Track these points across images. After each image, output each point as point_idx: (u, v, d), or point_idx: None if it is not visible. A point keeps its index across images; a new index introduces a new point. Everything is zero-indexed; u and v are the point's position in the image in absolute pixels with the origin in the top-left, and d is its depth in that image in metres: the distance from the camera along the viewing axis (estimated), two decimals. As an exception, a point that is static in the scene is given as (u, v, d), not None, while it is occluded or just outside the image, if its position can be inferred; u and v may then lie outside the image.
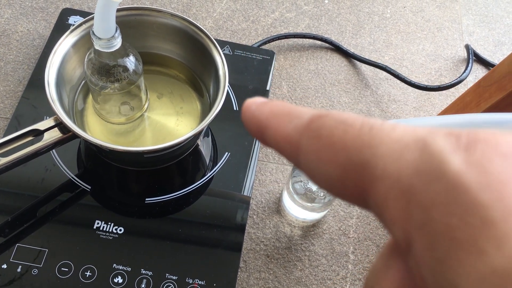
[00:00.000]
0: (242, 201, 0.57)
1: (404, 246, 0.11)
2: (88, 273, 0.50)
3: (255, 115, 0.15)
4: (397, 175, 0.11)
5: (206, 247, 0.53)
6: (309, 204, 0.55)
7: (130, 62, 0.51)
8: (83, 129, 0.53)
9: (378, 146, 0.11)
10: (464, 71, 0.74)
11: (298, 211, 0.58)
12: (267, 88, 0.66)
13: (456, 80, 0.72)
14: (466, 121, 0.35)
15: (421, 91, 0.74)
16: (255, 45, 0.72)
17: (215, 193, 0.58)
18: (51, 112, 0.59)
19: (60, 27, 0.67)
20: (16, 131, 0.48)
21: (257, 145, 0.62)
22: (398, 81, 0.74)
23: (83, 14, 0.69)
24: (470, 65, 0.75)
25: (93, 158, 0.59)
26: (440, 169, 0.10)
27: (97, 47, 0.47)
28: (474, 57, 0.78)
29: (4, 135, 0.57)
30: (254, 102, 0.15)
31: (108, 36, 0.46)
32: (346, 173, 0.12)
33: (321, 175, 0.13)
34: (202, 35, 0.55)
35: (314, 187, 0.54)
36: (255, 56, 0.69)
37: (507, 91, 0.46)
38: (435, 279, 0.10)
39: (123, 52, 0.50)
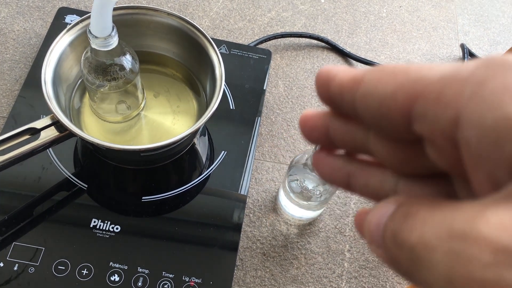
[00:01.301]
0: (238, 200, 0.57)
1: (450, 123, 0.12)
2: (85, 271, 0.50)
3: (332, 70, 0.16)
4: (455, 71, 0.12)
5: (202, 245, 0.54)
6: (305, 203, 0.55)
7: (127, 60, 0.51)
8: (80, 128, 0.53)
9: (434, 68, 0.13)
10: (460, 71, 0.74)
11: (294, 210, 0.58)
12: (264, 87, 0.67)
13: (451, 79, 0.72)
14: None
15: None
16: (252, 44, 0.72)
17: (212, 192, 0.58)
18: (48, 111, 0.59)
19: (57, 26, 0.67)
20: (13, 129, 0.48)
21: (254, 144, 0.62)
22: (394, 80, 0.74)
23: (79, 13, 0.69)
24: (465, 64, 0.76)
25: (90, 156, 0.59)
26: (503, 61, 0.11)
27: (93, 46, 0.48)
28: (469, 57, 0.79)
29: (1, 134, 0.57)
30: (328, 67, 0.17)
31: (104, 35, 0.46)
32: (400, 87, 0.13)
33: (373, 97, 0.14)
34: (199, 34, 0.55)
35: (310, 186, 0.54)
36: (251, 55, 0.69)
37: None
38: (484, 123, 0.11)
39: (119, 50, 0.50)
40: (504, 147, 0.10)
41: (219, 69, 0.53)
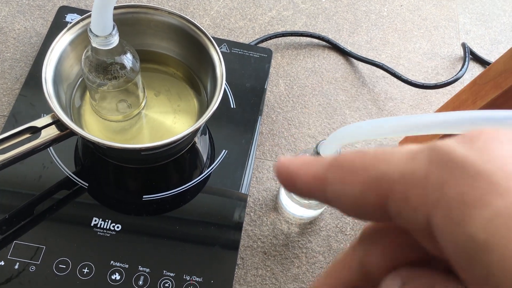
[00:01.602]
0: (239, 199, 0.57)
1: (425, 225, 0.12)
2: (85, 270, 0.50)
3: (288, 166, 0.17)
4: (411, 171, 0.13)
5: (203, 244, 0.54)
6: (306, 201, 0.55)
7: (128, 59, 0.51)
8: (81, 127, 0.53)
9: (392, 159, 0.13)
10: (461, 69, 0.74)
11: (295, 209, 0.58)
12: (265, 86, 0.67)
13: (452, 78, 0.72)
14: (462, 118, 0.36)
15: (417, 89, 0.74)
16: (253, 43, 0.72)
17: (213, 191, 0.58)
18: (48, 110, 0.59)
19: (58, 25, 0.67)
20: (14, 128, 0.48)
21: (255, 142, 0.62)
22: (395, 79, 0.74)
23: (80, 12, 0.69)
24: (466, 63, 0.76)
25: (90, 155, 0.59)
26: (449, 156, 0.12)
27: (94, 45, 0.48)
28: (470, 56, 0.78)
29: (1, 133, 0.57)
30: (285, 158, 0.18)
31: (105, 34, 0.46)
32: (367, 186, 0.14)
33: (346, 198, 0.15)
34: (200, 33, 0.55)
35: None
36: (252, 54, 0.69)
37: (502, 89, 0.47)
38: (454, 239, 0.11)
39: (120, 49, 0.50)
40: (474, 268, 0.11)
41: (220, 68, 0.52)
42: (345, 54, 0.76)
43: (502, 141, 0.12)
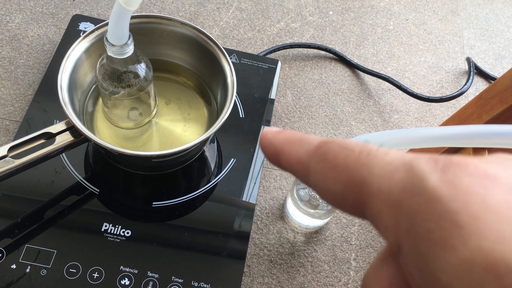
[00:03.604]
0: (246, 207, 0.58)
1: (396, 249, 0.13)
2: (96, 275, 0.51)
3: (271, 142, 0.17)
4: (388, 191, 0.13)
5: (211, 251, 0.54)
6: (312, 211, 0.56)
7: (141, 68, 0.53)
8: (93, 132, 0.54)
9: (374, 168, 0.14)
10: (465, 84, 0.76)
11: (301, 218, 0.59)
12: (272, 97, 0.68)
13: (457, 92, 0.74)
14: (467, 132, 0.37)
15: (422, 102, 0.75)
16: (261, 54, 0.73)
17: (221, 199, 0.59)
18: (61, 116, 0.60)
19: (71, 33, 0.68)
20: (27, 134, 0.49)
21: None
22: (400, 92, 0.76)
23: (93, 20, 0.70)
24: (471, 77, 0.77)
25: (101, 161, 0.60)
26: (421, 185, 0.12)
27: (110, 54, 0.49)
28: (475, 70, 0.80)
29: (15, 138, 0.59)
30: (270, 131, 0.18)
31: (121, 43, 0.48)
32: (347, 188, 0.14)
33: (327, 191, 0.15)
34: (211, 43, 0.56)
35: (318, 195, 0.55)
36: (260, 64, 0.70)
37: (508, 103, 0.48)
38: (421, 273, 0.12)
39: (134, 59, 0.51)
40: None
41: (231, 79, 0.54)
42: (351, 66, 0.77)
43: (471, 174, 0.12)
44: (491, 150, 0.55)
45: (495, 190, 0.11)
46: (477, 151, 0.54)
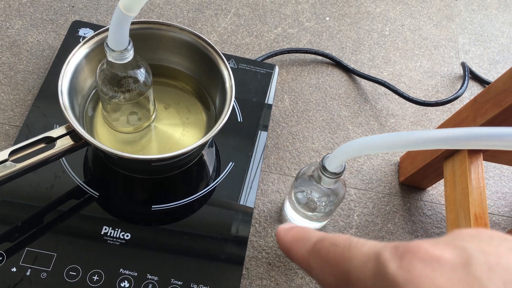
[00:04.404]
0: (245, 210, 0.59)
1: None
2: (95, 278, 0.51)
3: (283, 241, 0.21)
4: (363, 279, 0.16)
5: (210, 254, 0.55)
6: (310, 213, 0.57)
7: (141, 74, 0.53)
8: (92, 137, 0.55)
9: (353, 260, 0.17)
10: (460, 88, 0.77)
11: (299, 220, 0.59)
12: (270, 101, 0.68)
13: (452, 96, 0.75)
14: (462, 134, 0.37)
15: (418, 106, 0.76)
16: (259, 59, 0.74)
17: (219, 202, 0.59)
18: (61, 120, 0.61)
19: (71, 39, 0.69)
20: (27, 138, 0.50)
21: (260, 155, 0.63)
22: (397, 96, 0.77)
23: (92, 26, 0.71)
24: (466, 82, 0.78)
25: (101, 165, 0.60)
26: (384, 272, 0.15)
27: (110, 59, 0.49)
28: (469, 75, 0.81)
29: (15, 143, 0.59)
30: (282, 229, 0.22)
31: (121, 48, 0.48)
32: (338, 280, 0.17)
33: (324, 283, 0.18)
34: (210, 49, 0.57)
35: (316, 197, 0.56)
36: (258, 69, 0.71)
37: (502, 107, 0.49)
38: None
39: (134, 64, 0.52)
40: None
41: (229, 83, 0.54)
42: (348, 71, 0.78)
43: (423, 258, 0.15)
44: (486, 152, 0.56)
45: (440, 270, 0.14)
46: (472, 153, 0.55)
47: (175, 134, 0.60)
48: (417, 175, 0.66)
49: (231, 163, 0.62)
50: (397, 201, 0.68)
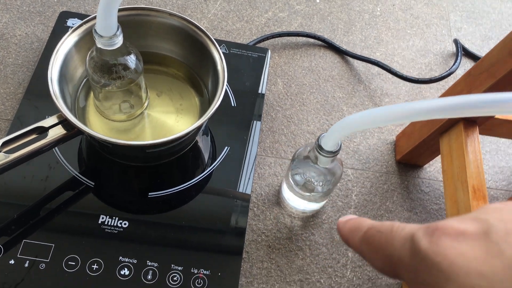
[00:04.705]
0: (242, 195, 0.59)
1: None
2: (95, 266, 0.51)
3: (341, 233, 0.24)
4: (403, 258, 0.18)
5: (209, 239, 0.55)
6: (308, 194, 0.56)
7: (131, 60, 0.53)
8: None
9: (394, 243, 0.19)
10: (453, 64, 0.76)
11: (297, 202, 0.59)
12: (264, 85, 0.68)
13: (446, 73, 0.74)
14: (457, 103, 0.37)
15: (412, 84, 0.76)
16: (250, 44, 0.74)
17: (217, 187, 0.59)
18: (52, 112, 0.60)
19: (59, 30, 0.68)
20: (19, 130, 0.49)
21: (256, 139, 0.63)
22: (390, 76, 0.76)
23: (80, 16, 0.70)
24: (459, 58, 0.78)
25: (95, 155, 0.60)
26: (418, 249, 0.17)
27: (99, 45, 0.49)
28: (462, 52, 0.80)
29: (7, 135, 0.58)
30: (341, 221, 0.24)
31: (110, 34, 0.48)
32: (384, 263, 0.20)
33: (375, 267, 0.21)
34: (200, 33, 0.56)
35: (313, 177, 0.56)
36: (250, 54, 0.70)
37: (496, 78, 0.48)
38: None
39: (124, 50, 0.51)
40: None
41: (221, 65, 0.54)
42: (340, 52, 0.78)
43: (449, 233, 0.16)
44: (481, 126, 0.56)
45: (464, 242, 0.16)
46: (468, 127, 0.55)
47: (168, 120, 0.60)
48: (414, 152, 0.66)
49: (226, 147, 0.62)
50: (395, 179, 0.68)
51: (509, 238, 0.15)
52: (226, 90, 0.65)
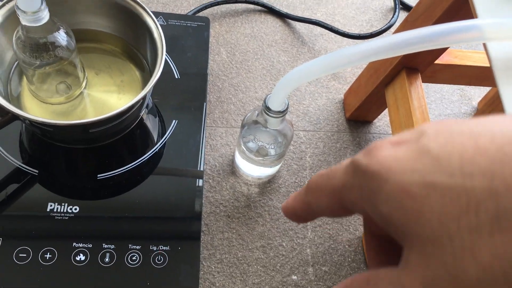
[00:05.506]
0: (195, 167, 0.57)
1: (365, 212, 0.19)
2: (48, 256, 0.49)
3: (287, 209, 0.23)
4: (345, 182, 0.19)
5: (165, 214, 0.53)
6: (261, 159, 0.56)
7: (61, 37, 0.50)
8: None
9: (336, 175, 0.19)
10: (392, 17, 0.77)
11: (252, 169, 0.59)
12: (206, 55, 0.66)
13: (385, 26, 0.75)
14: (395, 42, 0.37)
15: (355, 41, 0.76)
16: (189, 14, 0.71)
17: (169, 162, 0.57)
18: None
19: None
20: None
21: (204, 110, 0.62)
22: (333, 35, 0.76)
23: None
24: (397, 11, 0.78)
25: (37, 141, 0.57)
26: (358, 167, 0.18)
27: (24, 22, 0.46)
28: (400, 5, 0.81)
29: None
30: (283, 207, 0.24)
31: (34, 9, 0.45)
32: (330, 198, 0.20)
33: (323, 208, 0.21)
34: (132, 2, 0.54)
35: (265, 141, 0.55)
36: (189, 24, 0.68)
37: (433, 20, 0.49)
38: (375, 215, 0.18)
39: (52, 27, 0.48)
40: (390, 226, 0.17)
41: (157, 33, 0.52)
42: (281, 16, 0.77)
43: (387, 146, 0.17)
44: (424, 73, 0.57)
45: (399, 148, 0.17)
46: (411, 75, 0.55)
47: (110, 99, 0.57)
48: (362, 108, 0.66)
49: (174, 121, 0.60)
50: (347, 137, 0.68)
51: (438, 139, 0.16)
52: (168, 62, 0.63)
